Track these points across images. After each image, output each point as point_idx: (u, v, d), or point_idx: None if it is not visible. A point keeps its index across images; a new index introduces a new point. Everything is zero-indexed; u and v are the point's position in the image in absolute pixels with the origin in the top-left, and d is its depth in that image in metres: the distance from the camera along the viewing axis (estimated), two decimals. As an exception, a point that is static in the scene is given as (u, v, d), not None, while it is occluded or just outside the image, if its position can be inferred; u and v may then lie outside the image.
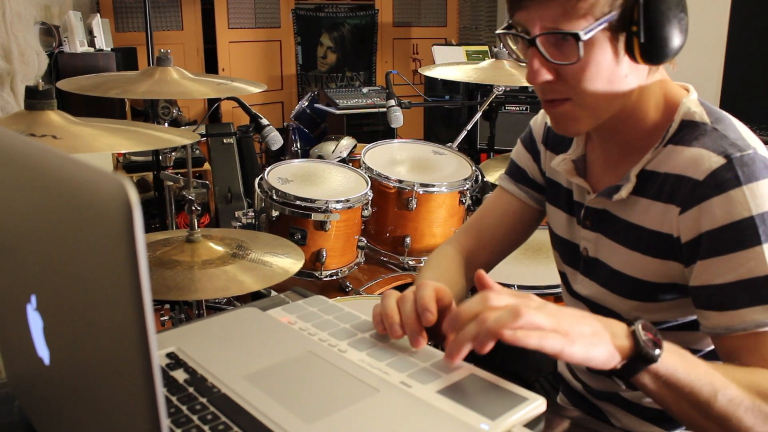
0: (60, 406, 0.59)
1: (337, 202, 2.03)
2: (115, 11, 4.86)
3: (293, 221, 2.02)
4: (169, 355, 0.81)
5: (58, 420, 0.62)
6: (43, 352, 0.57)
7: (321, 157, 3.04)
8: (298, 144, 4.30)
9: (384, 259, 2.29)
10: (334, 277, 2.11)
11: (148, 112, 3.24)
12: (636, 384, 0.77)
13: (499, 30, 0.92)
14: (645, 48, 0.84)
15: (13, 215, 0.57)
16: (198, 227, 1.65)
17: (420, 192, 2.16)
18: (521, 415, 0.69)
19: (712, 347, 0.97)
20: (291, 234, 2.02)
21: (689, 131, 0.90)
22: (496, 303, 0.74)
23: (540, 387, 1.28)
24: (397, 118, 2.47)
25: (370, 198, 2.13)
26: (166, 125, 2.38)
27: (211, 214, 3.58)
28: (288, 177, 2.15)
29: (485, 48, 4.93)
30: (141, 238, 0.36)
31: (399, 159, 2.39)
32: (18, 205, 0.55)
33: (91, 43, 3.68)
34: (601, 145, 1.01)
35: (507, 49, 0.95)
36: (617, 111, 0.91)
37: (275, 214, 2.03)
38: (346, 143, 3.14)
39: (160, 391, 0.41)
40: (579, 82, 0.86)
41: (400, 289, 0.87)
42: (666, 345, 0.76)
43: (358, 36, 5.86)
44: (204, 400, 0.71)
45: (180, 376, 0.76)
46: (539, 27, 0.85)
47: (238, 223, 2.14)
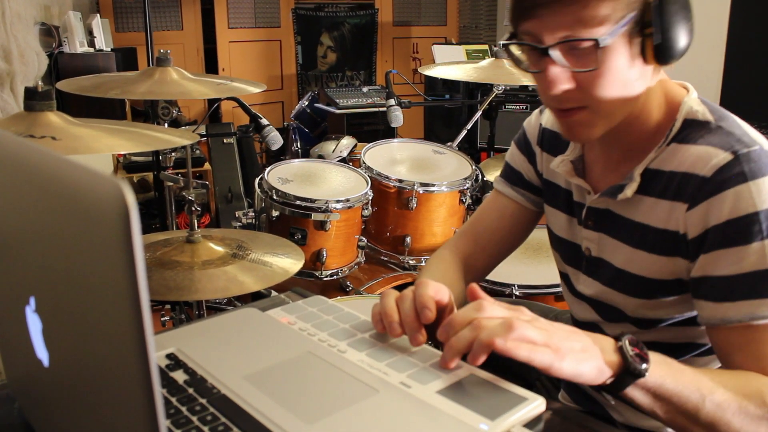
0: (59, 407, 0.59)
1: (337, 201, 2.03)
2: (115, 11, 4.87)
3: (293, 221, 2.03)
4: (169, 356, 0.81)
5: (57, 421, 0.62)
6: (43, 354, 0.57)
7: (321, 157, 3.04)
8: (298, 144, 4.30)
9: (384, 259, 2.29)
10: (334, 277, 2.11)
11: (148, 112, 3.24)
12: (625, 398, 0.78)
13: (504, 41, 0.91)
14: (658, 49, 0.84)
15: (12, 218, 0.57)
16: (198, 227, 1.65)
17: (420, 191, 2.16)
18: (521, 415, 0.69)
19: None
20: (291, 234, 2.02)
21: (693, 129, 0.91)
22: (490, 312, 0.75)
23: (541, 386, 1.28)
24: (397, 117, 2.46)
25: (370, 198, 2.13)
26: (166, 125, 2.38)
27: (212, 214, 3.58)
28: (288, 177, 2.15)
29: (485, 47, 4.94)
30: (138, 240, 0.37)
31: (399, 158, 2.39)
32: (16, 208, 0.55)
33: (91, 44, 3.68)
34: (603, 147, 1.01)
35: (512, 60, 0.93)
36: (627, 114, 0.91)
37: (275, 214, 2.03)
38: (346, 143, 3.14)
39: (158, 393, 0.41)
40: (596, 88, 0.86)
41: (400, 289, 0.87)
42: (653, 357, 0.77)
43: (358, 35, 5.86)
44: (204, 400, 0.71)
45: (180, 377, 0.76)
46: (555, 35, 0.83)
47: (238, 223, 2.14)
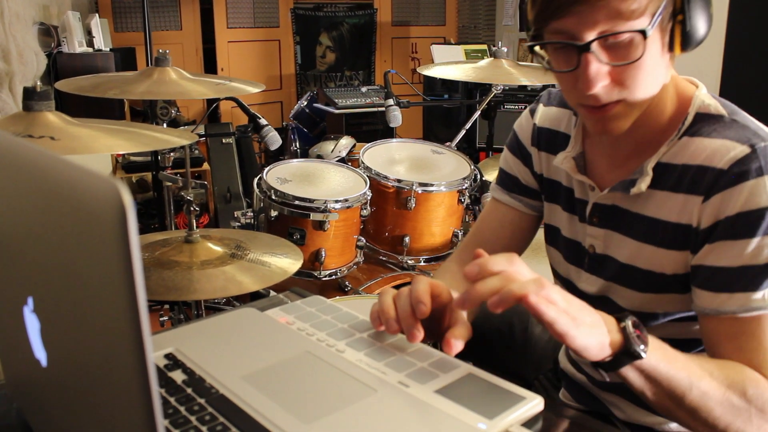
0: (57, 407, 0.59)
1: (336, 201, 2.03)
2: (114, 11, 4.87)
3: (292, 221, 2.02)
4: (168, 356, 0.81)
5: (55, 421, 0.62)
6: (41, 354, 0.57)
7: (320, 157, 3.04)
8: (297, 143, 4.30)
9: (383, 259, 2.29)
10: (333, 277, 2.11)
11: (146, 112, 3.24)
12: (619, 375, 0.80)
13: (531, 42, 0.89)
14: (687, 36, 0.84)
15: (10, 218, 0.57)
16: (197, 227, 1.65)
17: (419, 191, 2.16)
18: (519, 414, 0.69)
19: None
20: (290, 234, 2.02)
21: (705, 123, 0.91)
22: (519, 268, 0.75)
23: (540, 385, 1.28)
24: (396, 117, 2.46)
25: (368, 197, 2.13)
26: (164, 125, 2.37)
27: (210, 214, 3.58)
28: (287, 177, 2.15)
29: (484, 47, 4.94)
30: (135, 240, 0.37)
31: (398, 158, 2.39)
32: (14, 208, 0.56)
33: (90, 44, 3.68)
34: (611, 141, 1.00)
35: (538, 60, 0.92)
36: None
37: (274, 214, 2.03)
38: (345, 143, 3.14)
39: (156, 392, 0.41)
40: (634, 80, 0.85)
41: (399, 289, 0.87)
42: (650, 340, 0.79)
43: (356, 35, 5.86)
44: (202, 400, 0.71)
45: (178, 376, 0.76)
46: (594, 31, 0.82)
47: (236, 223, 2.14)
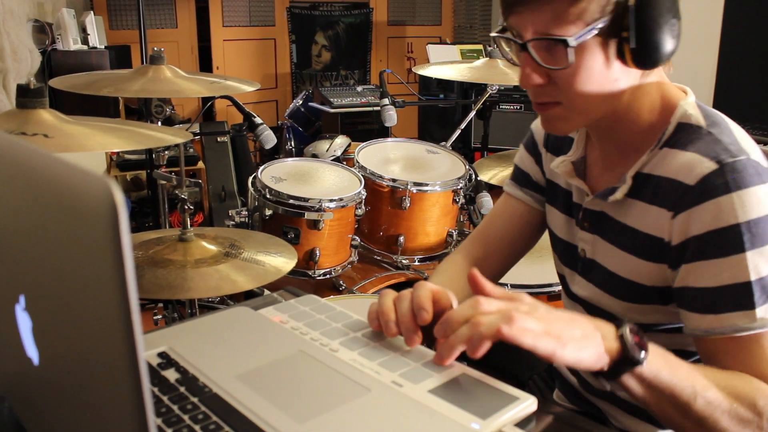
0: (50, 406, 0.59)
1: (331, 201, 2.03)
2: (109, 9, 4.85)
3: (286, 220, 2.02)
4: (161, 355, 0.81)
5: (48, 420, 0.62)
6: (33, 352, 0.57)
7: (315, 156, 3.04)
8: (292, 142, 4.29)
9: (377, 258, 2.29)
10: (327, 276, 2.11)
11: (141, 110, 3.23)
12: (621, 385, 0.78)
13: (494, 33, 0.93)
14: (636, 53, 0.84)
15: (1, 216, 0.57)
16: (192, 226, 1.65)
17: (413, 191, 2.16)
18: (512, 415, 0.69)
19: None
20: (284, 233, 2.01)
21: (685, 134, 0.90)
22: (487, 308, 0.75)
23: (534, 385, 1.29)
24: (391, 117, 2.46)
25: (363, 197, 2.13)
26: (159, 124, 2.37)
27: (205, 212, 3.57)
28: (281, 176, 2.15)
29: (480, 47, 4.94)
30: (127, 238, 0.36)
31: (392, 158, 2.39)
32: (6, 206, 0.55)
33: (85, 41, 3.67)
34: (599, 146, 1.01)
35: (501, 51, 0.96)
36: (609, 112, 0.92)
37: (268, 213, 2.03)
38: (340, 142, 3.14)
39: (147, 391, 0.41)
40: (570, 86, 0.87)
41: (393, 288, 0.87)
42: (651, 347, 0.78)
43: (352, 34, 5.86)
44: (195, 399, 0.71)
45: (171, 375, 0.76)
46: (531, 32, 0.85)
47: (231, 222, 2.13)
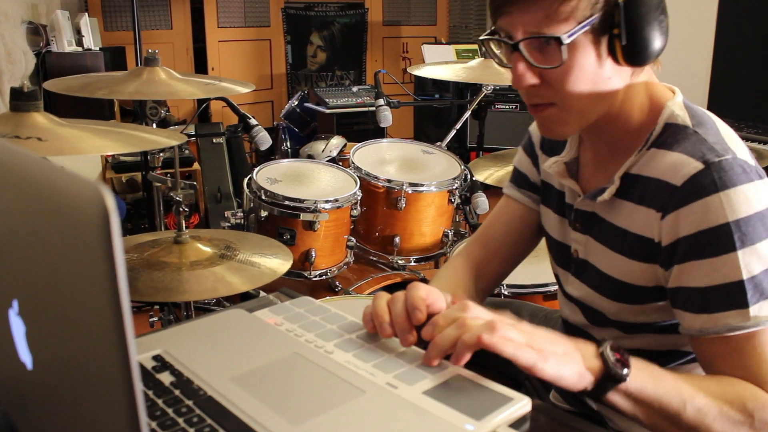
0: (44, 410, 0.59)
1: (326, 201, 2.03)
2: (104, 10, 4.84)
3: (282, 221, 2.02)
4: (155, 358, 0.81)
5: (42, 424, 0.62)
6: (26, 357, 0.57)
7: (311, 156, 3.04)
8: (287, 143, 4.30)
9: (373, 259, 2.29)
10: (323, 277, 2.11)
11: (136, 111, 3.23)
12: (607, 403, 0.79)
13: (483, 36, 0.93)
14: (627, 50, 0.84)
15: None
16: (187, 227, 1.64)
17: (409, 191, 2.16)
18: (506, 415, 0.69)
19: None
20: (280, 234, 2.01)
21: (672, 135, 0.91)
22: (474, 313, 0.76)
23: (530, 385, 1.29)
24: (386, 117, 2.46)
25: (359, 198, 2.13)
26: (154, 126, 2.36)
27: (201, 214, 3.57)
28: (277, 177, 2.14)
29: (475, 47, 4.94)
30: (118, 243, 0.37)
31: (388, 158, 2.39)
32: (-2, 210, 0.55)
33: (79, 43, 3.66)
34: (591, 147, 1.02)
35: (490, 55, 0.96)
36: (603, 112, 0.92)
37: (264, 214, 2.03)
38: (335, 142, 3.14)
39: (139, 394, 0.41)
40: (563, 85, 0.87)
41: (389, 289, 0.87)
42: (633, 362, 0.78)
43: (347, 35, 5.86)
44: (190, 402, 0.71)
45: (166, 378, 0.76)
46: (522, 32, 0.85)
47: (226, 224, 2.13)
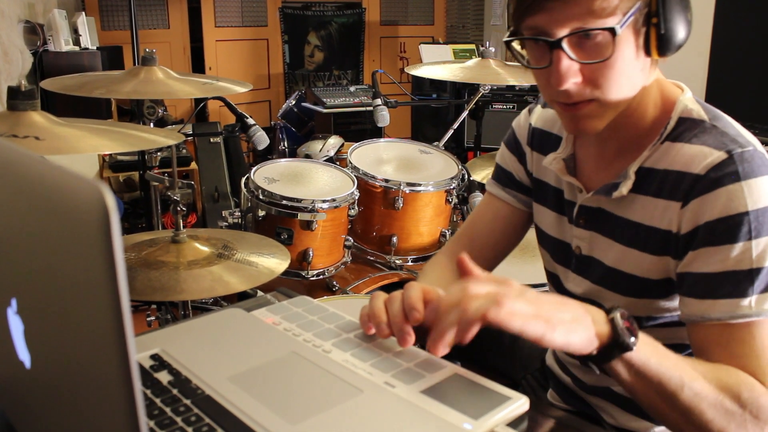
0: (42, 409, 0.59)
1: (324, 201, 2.02)
2: (101, 9, 4.84)
3: (279, 221, 2.02)
4: (153, 357, 0.81)
5: (40, 423, 0.62)
6: (25, 355, 0.57)
7: (308, 156, 3.04)
8: (285, 143, 4.30)
9: (371, 259, 2.29)
10: (320, 277, 2.11)
11: (134, 111, 3.22)
12: (609, 371, 0.79)
13: (508, 37, 0.90)
14: (662, 40, 0.84)
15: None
16: (185, 227, 1.64)
17: (406, 191, 2.17)
18: (504, 414, 0.69)
19: None
20: (277, 234, 2.01)
21: (687, 128, 0.91)
22: (475, 291, 0.74)
23: (527, 384, 1.29)
24: (384, 117, 2.46)
25: (356, 197, 2.13)
26: (151, 125, 2.36)
27: (198, 213, 3.57)
28: (274, 176, 2.14)
29: (472, 46, 4.95)
30: (118, 242, 0.37)
31: (385, 158, 2.39)
32: (-3, 209, 0.55)
33: (77, 42, 3.66)
34: (598, 143, 1.01)
35: (516, 57, 0.93)
36: (624, 109, 0.92)
37: (261, 213, 2.03)
38: (333, 142, 3.15)
39: (139, 393, 0.41)
40: (606, 79, 0.86)
41: (387, 289, 0.87)
42: (641, 335, 0.78)
43: (345, 34, 5.86)
44: (188, 401, 0.71)
45: (164, 377, 0.76)
46: (566, 27, 0.83)
47: (224, 223, 2.13)
